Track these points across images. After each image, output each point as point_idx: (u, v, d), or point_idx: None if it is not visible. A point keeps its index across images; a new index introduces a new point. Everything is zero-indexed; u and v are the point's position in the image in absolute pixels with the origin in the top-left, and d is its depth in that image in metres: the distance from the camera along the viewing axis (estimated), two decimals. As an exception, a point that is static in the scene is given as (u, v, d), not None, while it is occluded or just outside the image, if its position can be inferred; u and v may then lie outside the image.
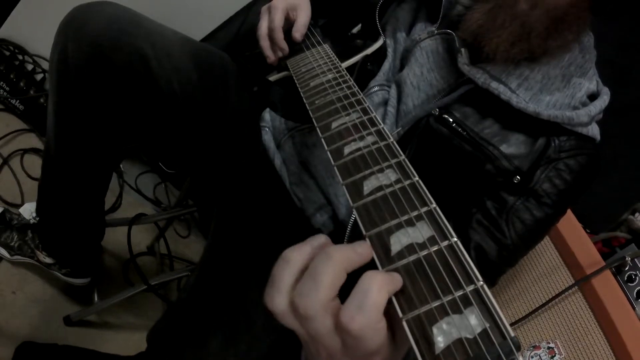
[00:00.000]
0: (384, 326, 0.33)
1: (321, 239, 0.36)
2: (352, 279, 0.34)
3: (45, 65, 1.40)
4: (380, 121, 0.49)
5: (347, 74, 0.64)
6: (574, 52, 0.73)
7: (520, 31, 0.67)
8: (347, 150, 0.47)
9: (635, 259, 0.93)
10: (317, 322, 0.33)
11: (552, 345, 0.94)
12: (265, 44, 0.81)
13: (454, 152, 0.71)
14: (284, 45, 0.80)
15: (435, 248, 0.35)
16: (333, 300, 0.33)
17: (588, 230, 1.03)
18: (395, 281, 0.33)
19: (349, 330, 0.31)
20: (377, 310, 0.31)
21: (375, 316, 0.31)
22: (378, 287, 0.31)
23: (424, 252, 0.35)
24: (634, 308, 0.88)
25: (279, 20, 0.79)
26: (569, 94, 0.71)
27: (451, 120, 0.70)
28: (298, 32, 0.81)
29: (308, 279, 0.33)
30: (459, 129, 0.70)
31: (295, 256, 0.35)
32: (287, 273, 0.35)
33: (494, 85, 0.69)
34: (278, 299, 0.34)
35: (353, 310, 0.31)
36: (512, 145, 0.70)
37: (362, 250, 0.35)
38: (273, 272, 0.35)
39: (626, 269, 0.93)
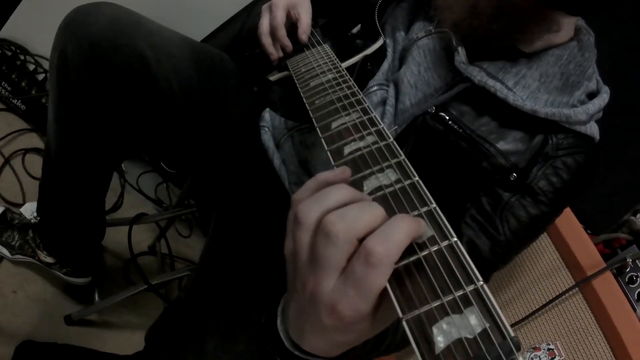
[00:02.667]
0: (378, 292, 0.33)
1: (368, 197, 0.39)
2: None
3: (47, 65, 1.40)
4: (380, 121, 0.49)
5: (347, 74, 0.64)
6: (573, 50, 0.72)
7: (469, 10, 0.70)
8: (347, 150, 0.46)
9: (637, 260, 0.93)
10: (335, 249, 0.33)
11: (552, 346, 0.94)
12: (267, 41, 0.81)
13: (450, 149, 0.71)
14: (287, 42, 0.80)
15: (435, 248, 0.35)
16: (357, 242, 0.34)
17: (589, 231, 1.03)
18: (420, 228, 0.35)
19: (371, 256, 0.32)
20: (400, 247, 0.33)
21: (396, 252, 0.32)
22: (408, 228, 0.33)
23: (424, 252, 0.35)
24: (634, 310, 0.88)
25: (280, 18, 0.79)
26: (567, 92, 0.70)
27: (447, 117, 0.70)
28: (304, 34, 0.81)
29: (355, 208, 0.34)
30: (455, 126, 0.70)
31: (347, 189, 0.37)
32: (336, 195, 0.36)
33: (491, 83, 0.69)
34: (314, 210, 0.35)
35: (381, 238, 0.32)
36: (509, 143, 0.70)
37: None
38: (322, 190, 0.37)
39: (627, 270, 0.93)
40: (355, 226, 0.33)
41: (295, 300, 0.38)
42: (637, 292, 0.91)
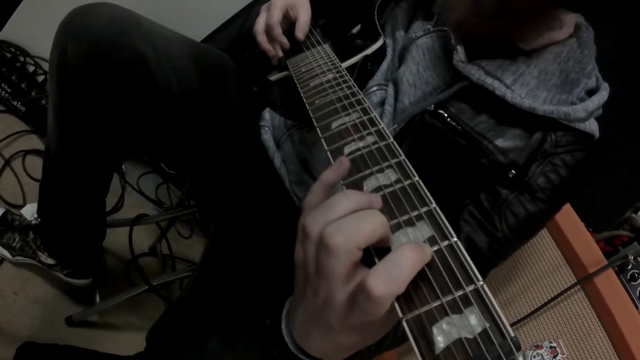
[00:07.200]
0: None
1: (378, 198, 0.38)
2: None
3: (47, 66, 1.40)
4: (380, 121, 0.49)
5: (347, 74, 0.64)
6: (572, 47, 0.72)
7: (472, 8, 0.69)
8: (347, 150, 0.47)
9: (638, 258, 0.93)
10: (337, 261, 0.33)
11: (554, 344, 0.94)
12: (262, 39, 0.80)
13: (448, 146, 0.71)
14: (283, 40, 0.80)
15: (435, 248, 0.35)
16: (360, 251, 0.34)
17: (590, 229, 1.02)
18: (426, 258, 0.34)
19: (371, 295, 0.31)
20: (404, 285, 0.32)
21: (400, 290, 0.32)
22: (412, 264, 0.32)
23: (424, 252, 0.35)
24: (636, 307, 0.88)
25: (276, 17, 0.79)
26: (566, 89, 0.70)
27: (446, 115, 0.70)
28: (301, 32, 0.81)
29: (353, 219, 0.34)
30: (454, 124, 0.70)
31: (355, 197, 0.36)
32: (342, 205, 0.35)
33: (489, 81, 0.69)
34: (319, 222, 0.35)
35: (384, 278, 0.31)
36: (508, 140, 0.69)
37: None
38: (329, 200, 0.36)
39: (629, 267, 0.93)
40: (354, 238, 0.33)
41: (305, 305, 0.38)
42: (639, 290, 0.91)
